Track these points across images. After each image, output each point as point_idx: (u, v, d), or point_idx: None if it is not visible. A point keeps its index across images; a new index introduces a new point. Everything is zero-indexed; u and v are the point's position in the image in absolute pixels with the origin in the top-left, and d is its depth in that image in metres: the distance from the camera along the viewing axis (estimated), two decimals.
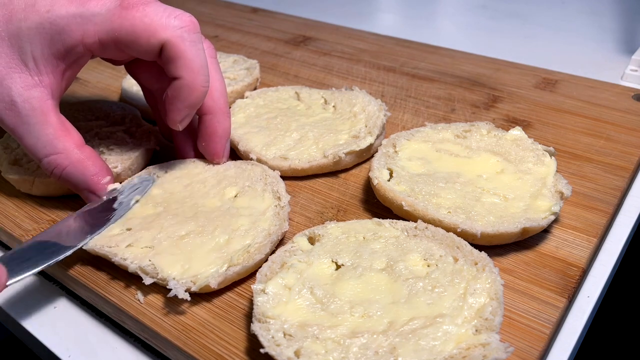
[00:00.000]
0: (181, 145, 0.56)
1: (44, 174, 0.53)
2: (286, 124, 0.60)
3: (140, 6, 0.44)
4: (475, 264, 0.41)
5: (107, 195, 0.49)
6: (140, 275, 0.42)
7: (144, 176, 0.53)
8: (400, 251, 0.43)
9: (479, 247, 0.42)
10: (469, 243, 0.43)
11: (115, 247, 0.44)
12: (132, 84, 0.71)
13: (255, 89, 0.74)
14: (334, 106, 0.63)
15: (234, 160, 0.55)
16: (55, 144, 0.46)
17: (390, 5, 1.18)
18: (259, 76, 0.75)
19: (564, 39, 0.93)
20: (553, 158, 0.51)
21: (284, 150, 0.56)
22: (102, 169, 0.48)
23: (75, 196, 0.53)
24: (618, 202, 0.52)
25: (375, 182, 0.49)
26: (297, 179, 0.56)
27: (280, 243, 0.47)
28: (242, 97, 0.67)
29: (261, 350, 0.36)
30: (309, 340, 0.36)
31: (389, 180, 0.50)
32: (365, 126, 0.59)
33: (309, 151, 0.56)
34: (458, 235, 0.43)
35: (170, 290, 0.40)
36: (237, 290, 0.44)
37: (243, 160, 0.55)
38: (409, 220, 0.46)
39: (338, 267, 0.42)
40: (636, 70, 0.77)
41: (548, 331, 0.39)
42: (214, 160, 0.53)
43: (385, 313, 0.38)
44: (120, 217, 0.47)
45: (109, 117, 0.62)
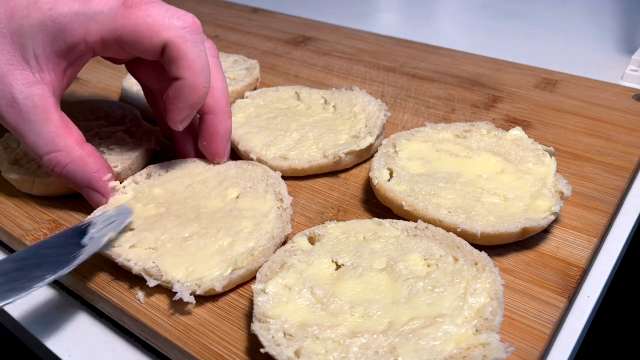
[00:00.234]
0: (181, 145, 0.56)
1: (44, 174, 0.53)
2: (286, 124, 0.60)
3: (143, 5, 0.44)
4: (475, 263, 0.41)
5: (75, 228, 0.43)
6: (145, 277, 0.42)
7: (121, 207, 0.47)
8: (400, 251, 0.43)
9: (479, 247, 0.42)
10: (469, 243, 0.43)
11: (118, 247, 0.44)
12: (132, 84, 0.71)
13: (255, 89, 0.74)
14: (334, 106, 0.63)
15: (234, 160, 0.55)
16: (57, 141, 0.46)
17: (390, 5, 1.18)
18: (259, 76, 0.75)
19: (564, 39, 0.94)
20: (553, 158, 0.51)
21: (284, 150, 0.56)
22: (103, 166, 0.49)
23: (75, 196, 0.53)
24: (618, 202, 0.52)
25: (375, 182, 0.49)
26: (297, 179, 0.56)
27: (282, 243, 0.47)
28: (242, 97, 0.67)
29: (261, 350, 0.36)
30: (309, 340, 0.36)
31: (389, 180, 0.50)
32: (365, 126, 0.59)
33: (309, 151, 0.56)
34: (458, 235, 0.43)
35: (175, 293, 0.40)
36: (238, 290, 0.44)
37: (243, 160, 0.55)
38: (409, 220, 0.46)
39: (338, 267, 0.42)
40: (636, 70, 0.77)
41: (548, 331, 0.39)
42: (215, 160, 0.53)
43: (385, 313, 0.38)
44: (88, 255, 0.41)
45: (109, 117, 0.62)
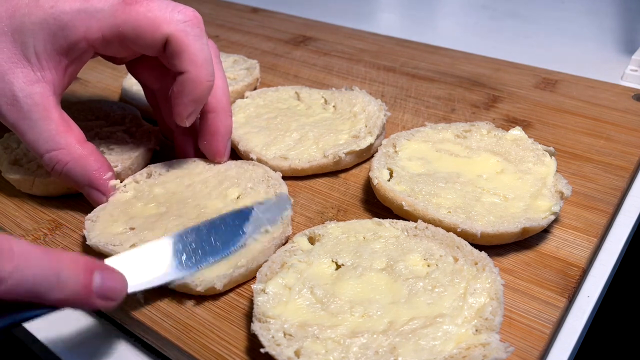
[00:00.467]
0: (182, 145, 0.56)
1: (44, 173, 0.53)
2: (286, 124, 0.60)
3: (144, 1, 0.45)
4: (475, 263, 0.41)
5: (233, 217, 0.44)
6: None
7: (282, 196, 0.47)
8: (400, 251, 0.43)
9: (479, 247, 0.42)
10: (469, 243, 0.43)
11: (119, 246, 0.44)
12: (132, 84, 0.71)
13: (255, 89, 0.74)
14: (334, 106, 0.63)
15: (234, 160, 0.55)
16: (57, 139, 0.46)
17: (390, 5, 1.18)
18: (259, 76, 0.75)
19: (564, 39, 0.93)
20: (553, 158, 0.51)
21: (284, 150, 0.56)
22: (104, 165, 0.49)
23: (75, 196, 0.53)
24: (618, 202, 0.52)
25: (375, 182, 0.49)
26: (297, 179, 0.56)
27: (282, 244, 0.47)
28: (242, 97, 0.67)
29: (261, 350, 0.36)
30: (309, 340, 0.36)
31: (389, 180, 0.50)
32: (365, 126, 0.59)
33: (309, 151, 0.56)
34: (458, 235, 0.43)
35: (174, 292, 0.40)
36: (238, 290, 0.44)
37: (243, 160, 0.55)
38: (409, 220, 0.46)
39: (338, 267, 0.42)
40: (636, 70, 0.77)
41: (548, 331, 0.39)
42: (215, 159, 0.53)
43: (385, 313, 0.38)
44: (244, 247, 0.43)
45: (109, 117, 0.62)
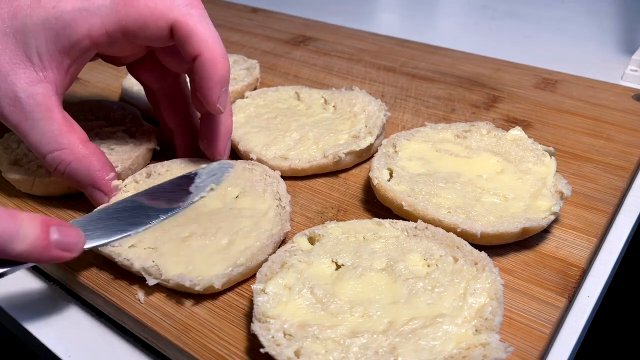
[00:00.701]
0: (182, 145, 0.56)
1: (44, 174, 0.53)
2: (286, 124, 0.60)
3: None
4: (475, 264, 0.41)
5: (181, 178, 0.50)
6: (144, 276, 0.42)
7: (222, 162, 0.52)
8: (400, 251, 0.43)
9: (479, 247, 0.42)
10: (469, 243, 0.43)
11: (118, 247, 0.44)
12: (133, 84, 0.71)
13: (255, 89, 0.74)
14: (334, 106, 0.63)
15: (234, 160, 0.55)
16: (60, 140, 0.46)
17: (390, 5, 1.18)
18: (259, 76, 0.75)
19: (564, 39, 0.93)
20: (553, 158, 0.51)
21: (284, 150, 0.56)
22: (106, 165, 0.49)
23: (75, 196, 0.53)
24: (618, 202, 0.52)
25: (375, 182, 0.49)
26: (297, 179, 0.56)
27: (281, 243, 0.47)
28: (242, 97, 0.67)
29: (261, 350, 0.36)
30: (309, 340, 0.36)
31: (389, 180, 0.50)
32: (365, 126, 0.59)
33: (309, 151, 0.56)
34: (458, 235, 0.43)
35: (174, 292, 0.40)
36: (237, 290, 0.44)
37: (243, 160, 0.55)
38: (409, 220, 0.46)
39: (338, 267, 0.42)
40: (636, 70, 0.77)
41: (548, 331, 0.39)
42: (215, 159, 0.53)
43: (385, 313, 0.38)
44: (191, 204, 0.48)
45: (109, 117, 0.62)
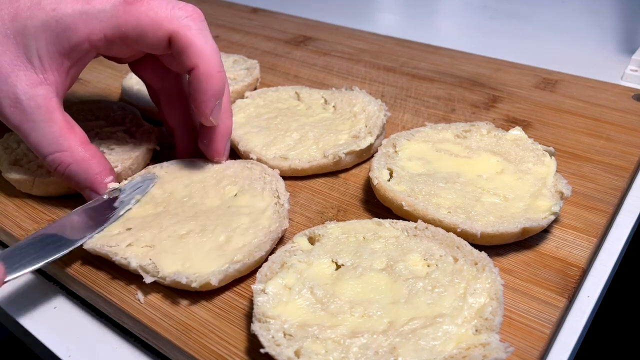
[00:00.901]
0: (182, 145, 0.56)
1: (44, 174, 0.53)
2: (286, 124, 0.60)
3: (144, 0, 0.45)
4: (475, 264, 0.41)
5: (108, 195, 0.49)
6: (141, 273, 0.42)
7: (146, 175, 0.53)
8: (400, 251, 0.43)
9: (479, 247, 0.42)
10: (469, 243, 0.43)
11: (115, 247, 0.44)
12: (133, 84, 0.71)
13: (255, 89, 0.74)
14: (334, 106, 0.63)
15: (233, 160, 0.55)
16: (60, 141, 0.46)
17: (390, 5, 1.18)
18: (259, 76, 0.75)
19: (564, 39, 0.93)
20: (553, 158, 0.51)
21: (284, 150, 0.56)
22: (106, 167, 0.49)
23: (75, 196, 0.53)
24: (618, 202, 0.52)
25: (375, 182, 0.49)
26: (297, 179, 0.56)
27: (280, 242, 0.47)
28: (242, 97, 0.67)
29: (261, 350, 0.36)
30: (309, 340, 0.36)
31: (389, 180, 0.50)
32: (365, 126, 0.59)
33: (309, 151, 0.56)
34: (458, 235, 0.43)
35: (174, 291, 0.40)
36: (237, 290, 0.44)
37: (243, 160, 0.55)
38: (409, 220, 0.46)
39: (338, 267, 0.42)
40: (636, 70, 0.77)
41: (548, 331, 0.39)
42: (215, 159, 0.53)
43: (385, 313, 0.38)
44: (119, 217, 0.47)
45: (109, 117, 0.62)
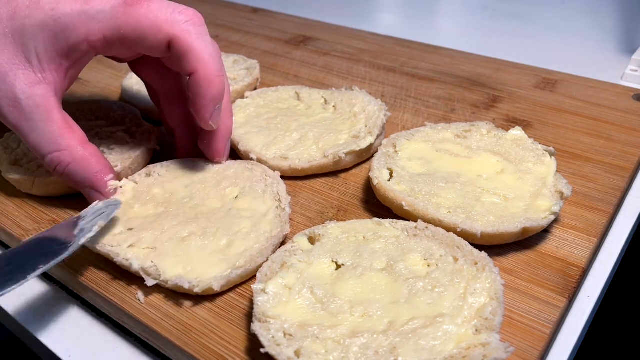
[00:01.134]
0: (182, 145, 0.56)
1: (44, 174, 0.53)
2: (286, 124, 0.60)
3: (144, 3, 0.45)
4: (476, 263, 0.41)
5: (65, 224, 0.45)
6: (143, 276, 0.42)
7: (110, 200, 0.48)
8: (400, 251, 0.43)
9: (479, 247, 0.42)
10: (469, 243, 0.43)
11: (117, 247, 0.44)
12: (133, 84, 0.71)
13: (255, 89, 0.74)
14: (334, 106, 0.63)
15: (234, 160, 0.55)
16: (59, 141, 0.46)
17: (390, 5, 1.18)
18: (259, 76, 0.75)
19: (564, 39, 0.93)
20: (553, 158, 0.51)
21: (284, 150, 0.56)
22: (105, 166, 0.49)
23: (75, 196, 0.53)
24: (618, 202, 0.52)
25: (375, 182, 0.49)
26: (297, 178, 0.56)
27: (281, 243, 0.47)
28: (242, 97, 0.67)
29: (261, 350, 0.36)
30: (309, 340, 0.36)
31: (389, 180, 0.50)
32: (365, 126, 0.59)
33: (309, 151, 0.56)
34: (458, 235, 0.43)
35: (174, 292, 0.40)
36: (238, 290, 0.44)
37: (243, 160, 0.55)
38: (409, 220, 0.46)
39: (338, 267, 0.42)
40: (636, 70, 0.77)
41: (548, 331, 0.39)
42: (215, 159, 0.53)
43: (386, 313, 0.38)
44: (77, 247, 0.42)
45: (109, 117, 0.62)
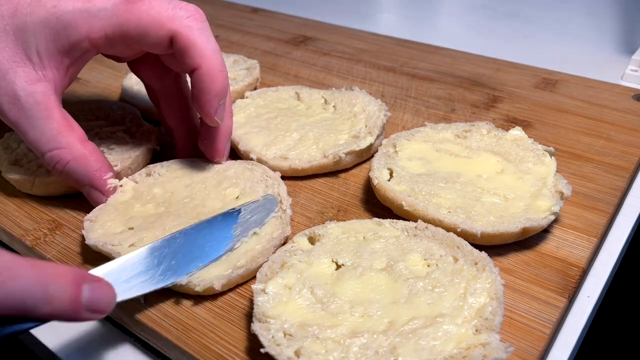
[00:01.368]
0: (182, 145, 0.56)
1: (44, 174, 0.53)
2: (286, 124, 0.60)
3: (145, 0, 0.45)
4: (476, 263, 0.41)
5: (221, 218, 0.45)
6: None
7: (268, 196, 0.48)
8: (400, 251, 0.43)
9: (479, 247, 0.42)
10: (469, 243, 0.43)
11: (118, 246, 0.44)
12: (133, 84, 0.71)
13: (255, 89, 0.74)
14: (334, 106, 0.63)
15: (234, 160, 0.55)
16: (59, 139, 0.46)
17: (390, 5, 1.18)
18: (259, 76, 0.75)
19: (564, 39, 0.94)
20: (553, 158, 0.51)
21: (284, 150, 0.56)
22: (105, 164, 0.49)
23: (75, 196, 0.53)
24: (618, 202, 0.52)
25: (375, 182, 0.49)
26: (297, 178, 0.56)
27: (281, 243, 0.47)
28: (242, 97, 0.67)
29: (261, 350, 0.36)
30: (309, 340, 0.36)
31: (389, 180, 0.50)
32: (365, 126, 0.59)
33: (309, 151, 0.56)
34: (458, 235, 0.43)
35: (174, 292, 0.40)
36: (238, 290, 0.44)
37: (243, 160, 0.55)
38: (409, 220, 0.46)
39: (338, 267, 0.42)
40: (636, 70, 0.77)
41: (548, 331, 0.39)
42: (215, 159, 0.53)
43: (386, 313, 0.38)
44: (232, 249, 0.43)
45: (109, 117, 0.62)
